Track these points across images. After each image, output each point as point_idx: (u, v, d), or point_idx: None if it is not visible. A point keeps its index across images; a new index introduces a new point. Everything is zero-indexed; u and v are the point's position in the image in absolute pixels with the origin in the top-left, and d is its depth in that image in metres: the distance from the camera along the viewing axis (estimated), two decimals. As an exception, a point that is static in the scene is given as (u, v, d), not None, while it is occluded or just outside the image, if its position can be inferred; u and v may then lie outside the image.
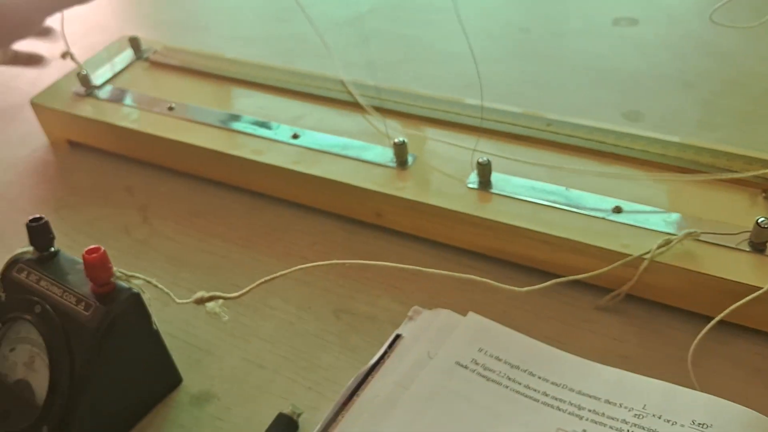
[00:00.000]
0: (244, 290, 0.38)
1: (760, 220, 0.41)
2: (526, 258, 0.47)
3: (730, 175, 0.45)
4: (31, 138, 0.65)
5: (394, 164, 0.51)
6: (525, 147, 0.51)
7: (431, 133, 0.53)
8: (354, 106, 0.57)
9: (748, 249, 0.42)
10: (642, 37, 0.67)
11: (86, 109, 0.60)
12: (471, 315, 0.42)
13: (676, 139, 0.49)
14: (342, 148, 0.53)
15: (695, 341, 0.39)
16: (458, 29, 0.72)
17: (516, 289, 0.41)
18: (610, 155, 0.49)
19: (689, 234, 0.42)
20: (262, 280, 0.39)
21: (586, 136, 0.50)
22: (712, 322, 0.39)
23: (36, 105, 0.62)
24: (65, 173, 0.62)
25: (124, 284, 0.39)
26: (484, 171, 0.48)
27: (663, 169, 0.47)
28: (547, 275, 0.46)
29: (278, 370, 0.43)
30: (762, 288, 0.39)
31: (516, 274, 0.47)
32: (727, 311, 0.39)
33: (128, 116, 0.59)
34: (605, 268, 0.42)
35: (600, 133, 0.50)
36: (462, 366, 0.40)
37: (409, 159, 0.51)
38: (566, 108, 0.60)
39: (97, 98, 0.61)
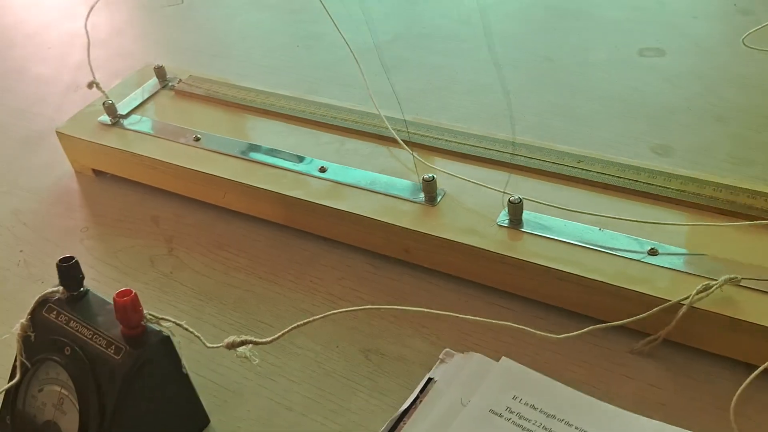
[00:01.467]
0: (276, 336, 0.38)
1: (803, 267, 0.40)
2: (558, 299, 0.46)
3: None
4: (56, 166, 0.65)
5: (423, 200, 0.50)
6: (556, 184, 0.50)
7: (461, 168, 0.53)
8: (382, 139, 0.56)
9: (793, 295, 0.41)
10: (670, 68, 0.67)
11: (112, 139, 0.60)
12: (504, 360, 0.42)
13: (711, 178, 0.48)
14: (370, 183, 0.52)
15: (738, 391, 0.38)
16: (482, 58, 0.72)
17: (552, 336, 0.41)
18: (644, 194, 0.48)
19: (730, 279, 0.41)
20: (295, 325, 0.38)
21: (618, 174, 0.49)
22: (757, 371, 0.38)
23: (61, 134, 0.62)
24: (90, 202, 0.61)
25: (155, 326, 0.39)
26: (516, 210, 0.47)
27: (698, 209, 0.47)
28: (580, 317, 0.45)
29: (306, 412, 0.43)
30: (806, 338, 0.38)
31: (548, 314, 0.46)
32: (769, 361, 0.38)
33: (154, 146, 0.59)
34: (642, 315, 0.41)
35: (632, 171, 0.49)
36: (496, 414, 0.39)
37: (438, 195, 0.50)
38: (593, 140, 0.60)
39: (123, 128, 0.61)
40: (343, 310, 0.40)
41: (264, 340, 0.38)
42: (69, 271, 0.41)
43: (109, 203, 0.61)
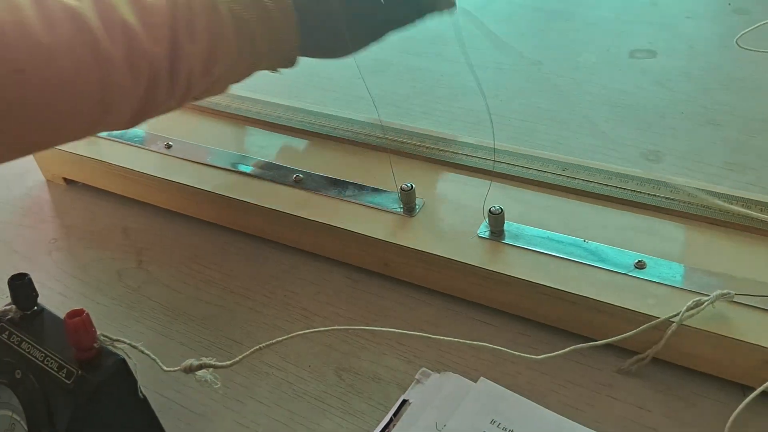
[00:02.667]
0: (235, 359, 0.35)
1: (798, 280, 0.38)
2: (541, 315, 0.44)
3: (764, 227, 0.42)
4: (28, 175, 0.63)
5: (401, 210, 0.48)
6: (540, 193, 0.48)
7: (441, 176, 0.50)
8: (361, 145, 0.54)
9: (788, 312, 0.38)
10: (661, 70, 0.64)
11: (82, 147, 0.58)
12: (482, 381, 0.39)
13: (702, 185, 0.46)
14: (347, 193, 0.50)
15: (733, 415, 0.35)
16: (473, 62, 0.70)
17: (531, 357, 0.38)
18: (631, 203, 0.46)
19: (722, 295, 0.38)
20: (257, 347, 0.36)
21: (604, 181, 0.47)
22: (752, 395, 0.35)
23: (31, 142, 0.60)
24: (61, 213, 0.59)
25: (110, 349, 0.36)
26: (497, 221, 0.45)
27: (689, 219, 0.44)
28: (565, 334, 0.43)
29: (275, 437, 0.40)
30: (802, 358, 0.35)
31: (531, 331, 0.44)
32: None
33: (124, 154, 0.56)
34: (630, 333, 0.38)
35: (619, 178, 0.47)
36: (473, 440, 0.36)
37: (418, 205, 0.48)
38: (582, 146, 0.57)
39: (94, 135, 0.59)
40: (310, 330, 0.38)
41: (223, 363, 0.35)
42: (21, 289, 0.38)
43: (80, 214, 0.58)
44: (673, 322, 0.38)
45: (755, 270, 0.40)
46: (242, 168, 0.53)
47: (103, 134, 0.59)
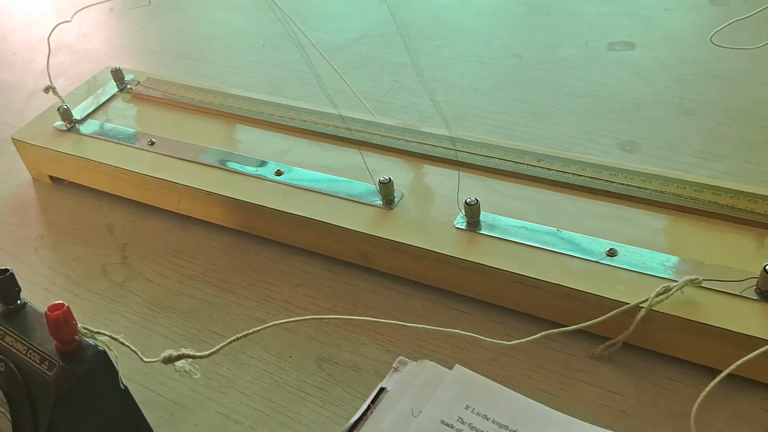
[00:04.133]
0: (214, 349, 0.36)
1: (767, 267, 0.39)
2: (516, 303, 0.44)
3: (733, 214, 0.43)
4: (15, 173, 0.64)
5: (380, 203, 0.49)
6: (516, 183, 0.49)
7: (419, 169, 0.51)
8: (341, 140, 0.55)
9: (755, 297, 0.39)
10: (639, 62, 0.65)
11: (66, 145, 0.58)
12: (457, 368, 0.40)
13: (674, 174, 0.46)
14: (327, 186, 0.51)
15: (699, 398, 0.36)
16: (450, 56, 0.71)
17: (503, 343, 0.39)
18: (604, 193, 0.46)
19: (690, 281, 0.39)
20: (234, 337, 0.36)
21: (578, 172, 0.48)
22: (719, 378, 0.36)
23: (17, 141, 0.61)
24: (46, 210, 0.60)
25: (91, 341, 0.37)
26: (472, 212, 0.45)
27: (661, 208, 0.45)
28: (540, 321, 0.44)
29: (255, 426, 0.41)
30: None
31: (506, 319, 0.45)
32: (734, 366, 0.36)
33: (108, 151, 0.57)
34: (599, 319, 0.39)
35: (593, 169, 0.48)
36: (448, 425, 0.37)
37: (396, 197, 0.49)
38: (560, 137, 0.58)
39: (78, 133, 0.59)
40: (287, 320, 0.39)
41: (201, 354, 0.36)
42: (5, 284, 0.39)
43: (65, 211, 0.59)
44: (642, 307, 0.39)
45: (723, 256, 0.41)
46: (222, 163, 0.54)
47: (88, 132, 0.59)
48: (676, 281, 0.39)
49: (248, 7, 0.86)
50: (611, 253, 0.43)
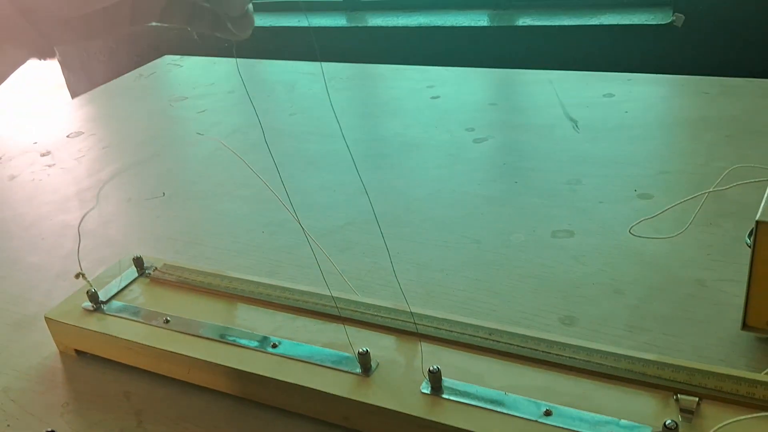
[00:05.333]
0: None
1: (667, 423, 0.48)
2: (474, 458, 0.53)
3: (645, 380, 0.53)
4: (43, 347, 0.73)
5: (359, 371, 0.59)
6: (472, 353, 0.59)
7: (392, 341, 0.62)
8: (327, 316, 0.65)
9: (661, 448, 0.48)
10: (577, 247, 0.78)
11: (92, 323, 0.69)
12: None
13: (598, 346, 0.57)
14: (314, 357, 0.61)
15: None
16: (420, 241, 0.83)
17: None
18: (543, 362, 0.57)
19: (607, 435, 0.48)
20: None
21: (521, 344, 0.58)
22: None
23: (49, 319, 0.71)
24: (71, 380, 0.69)
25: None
26: (435, 378, 0.55)
27: (588, 374, 0.55)
28: (492, 473, 0.52)
29: None
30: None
31: (466, 471, 0.53)
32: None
33: (129, 329, 0.67)
34: (535, 468, 0.48)
35: (533, 341, 0.58)
36: None
37: (373, 366, 0.59)
38: (512, 312, 0.69)
39: (103, 312, 0.70)
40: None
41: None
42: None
43: (88, 380, 0.68)
44: (570, 458, 0.48)
45: (636, 414, 0.51)
46: (229, 338, 0.64)
47: (111, 312, 0.70)
48: (598, 436, 0.49)
49: (251, 198, 1.00)
50: (547, 413, 0.52)
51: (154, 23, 0.48)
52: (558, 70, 1.33)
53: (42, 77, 4.02)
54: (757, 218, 0.57)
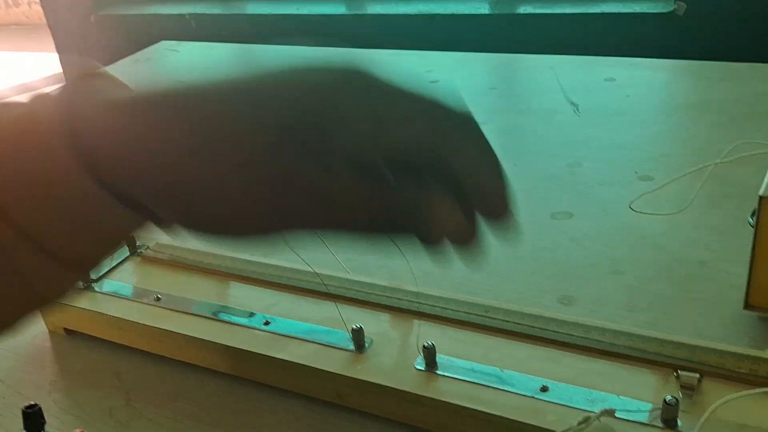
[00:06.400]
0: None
1: (667, 398, 0.47)
2: (468, 434, 0.52)
3: (644, 357, 0.52)
4: (32, 326, 0.72)
5: (353, 348, 0.57)
6: (467, 331, 0.58)
7: (387, 318, 0.60)
8: (320, 294, 0.64)
9: (660, 425, 0.47)
10: (577, 228, 0.77)
11: (83, 302, 0.67)
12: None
13: (596, 323, 0.56)
14: (307, 334, 0.60)
15: None
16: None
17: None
18: (539, 338, 0.56)
19: (606, 411, 0.47)
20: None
21: (518, 321, 0.57)
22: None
23: (39, 297, 0.70)
24: (60, 359, 0.68)
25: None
26: (429, 354, 0.54)
27: (586, 351, 0.54)
28: (488, 450, 0.51)
29: None
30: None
31: (460, 449, 0.52)
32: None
33: (119, 307, 0.66)
34: (531, 445, 0.47)
35: (530, 318, 0.57)
36: None
37: (366, 343, 0.58)
38: (511, 293, 0.68)
39: (94, 291, 0.69)
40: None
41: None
42: (32, 416, 0.47)
43: (77, 359, 0.67)
44: (567, 434, 0.47)
45: (636, 391, 0.50)
46: (221, 316, 0.63)
47: (102, 290, 0.69)
48: (595, 412, 0.47)
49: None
50: (544, 389, 0.51)
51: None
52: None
53: (37, 65, 4.02)
54: (760, 193, 0.55)
